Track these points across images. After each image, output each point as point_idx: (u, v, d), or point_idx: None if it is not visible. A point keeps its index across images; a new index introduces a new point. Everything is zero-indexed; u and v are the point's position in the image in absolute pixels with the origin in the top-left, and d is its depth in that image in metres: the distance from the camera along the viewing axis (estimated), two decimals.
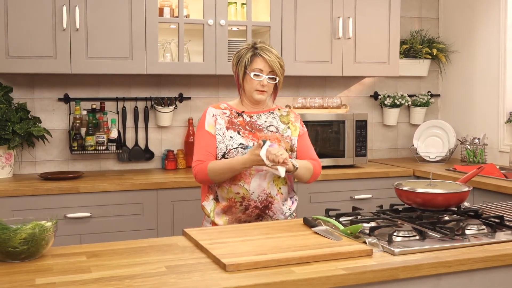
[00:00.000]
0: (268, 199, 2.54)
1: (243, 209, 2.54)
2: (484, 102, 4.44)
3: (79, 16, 3.47)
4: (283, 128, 2.63)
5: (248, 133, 2.57)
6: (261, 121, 2.62)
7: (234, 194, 2.52)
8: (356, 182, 3.93)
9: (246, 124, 2.59)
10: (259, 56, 2.55)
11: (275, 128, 2.62)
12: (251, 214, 2.55)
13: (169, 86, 4.11)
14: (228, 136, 2.55)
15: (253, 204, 2.53)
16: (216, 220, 2.56)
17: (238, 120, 2.60)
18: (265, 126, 2.61)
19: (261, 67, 2.55)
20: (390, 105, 4.59)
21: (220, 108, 2.63)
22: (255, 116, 2.63)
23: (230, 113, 2.62)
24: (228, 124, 2.58)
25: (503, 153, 4.24)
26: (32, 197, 3.24)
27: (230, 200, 2.54)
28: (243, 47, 2.63)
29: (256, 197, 2.53)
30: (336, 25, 4.06)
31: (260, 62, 2.55)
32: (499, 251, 1.92)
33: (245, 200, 2.52)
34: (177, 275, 1.68)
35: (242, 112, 2.62)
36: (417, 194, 2.32)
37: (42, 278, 1.65)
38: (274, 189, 2.55)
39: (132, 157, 3.99)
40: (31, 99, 3.81)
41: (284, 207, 2.60)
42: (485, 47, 4.42)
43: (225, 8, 3.79)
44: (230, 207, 2.54)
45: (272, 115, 2.67)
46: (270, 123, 2.63)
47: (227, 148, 2.53)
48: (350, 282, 1.70)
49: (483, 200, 3.45)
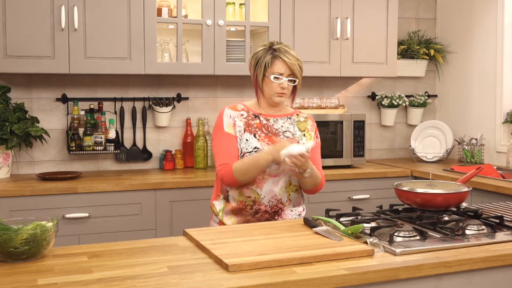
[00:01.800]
0: (278, 205, 2.54)
1: (253, 212, 2.53)
2: (481, 102, 4.45)
3: (78, 16, 3.47)
4: (299, 135, 2.60)
5: (264, 136, 2.54)
6: (277, 125, 2.59)
7: (245, 198, 2.51)
8: (354, 182, 3.94)
9: (263, 126, 2.56)
10: (279, 58, 2.50)
11: (291, 134, 2.59)
12: (261, 218, 2.54)
13: (167, 86, 4.11)
14: (244, 138, 2.52)
15: (263, 209, 2.52)
16: (225, 219, 2.55)
17: (255, 122, 2.56)
18: (281, 131, 2.58)
19: (281, 70, 2.50)
20: (387, 105, 4.60)
21: (237, 110, 2.58)
22: (272, 120, 2.59)
23: (247, 114, 2.58)
24: (245, 126, 2.54)
25: (500, 154, 4.26)
26: (30, 198, 3.24)
27: (241, 202, 2.52)
28: (260, 48, 2.57)
29: (267, 202, 2.52)
30: (334, 25, 4.07)
31: (280, 64, 2.50)
32: (499, 251, 1.93)
33: (255, 204, 2.51)
34: (179, 275, 1.68)
35: (259, 114, 2.59)
36: (417, 195, 2.33)
37: (44, 279, 1.64)
38: (284, 196, 2.55)
39: (130, 157, 3.99)
40: (29, 99, 3.80)
41: (293, 213, 2.59)
42: (482, 48, 4.43)
43: (223, 8, 3.79)
44: (241, 209, 2.53)
45: (290, 120, 2.63)
46: (287, 128, 2.59)
47: (242, 151, 2.50)
48: (352, 282, 1.70)
49: (481, 201, 3.46)
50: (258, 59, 2.54)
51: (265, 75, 2.52)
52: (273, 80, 2.50)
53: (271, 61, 2.51)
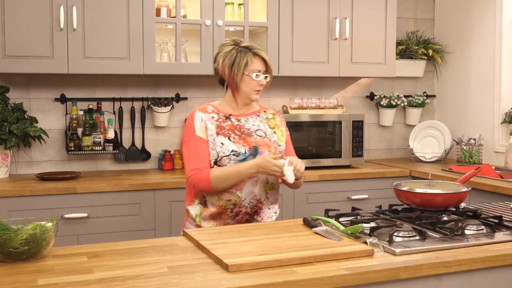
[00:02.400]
0: (258, 204, 2.53)
1: (233, 215, 2.51)
2: (479, 102, 4.46)
3: (76, 16, 3.46)
4: (270, 132, 2.60)
5: (239, 138, 2.52)
6: (249, 125, 2.58)
7: (226, 201, 2.49)
8: (353, 182, 3.94)
9: (235, 128, 2.54)
10: (258, 56, 2.54)
11: (263, 132, 2.59)
12: (241, 220, 2.52)
13: (166, 86, 4.11)
14: (219, 142, 2.49)
15: (243, 211, 2.51)
16: (203, 224, 2.52)
17: (227, 124, 2.54)
18: (253, 130, 2.57)
19: (260, 68, 2.54)
20: (386, 105, 4.60)
21: (208, 112, 2.56)
22: (242, 120, 2.58)
23: (218, 117, 2.56)
24: (217, 129, 2.52)
25: (499, 154, 4.27)
26: (29, 198, 3.23)
27: (220, 207, 2.49)
28: (227, 47, 2.55)
29: (248, 203, 2.51)
30: (332, 25, 4.07)
31: (259, 62, 2.54)
32: (498, 251, 1.93)
33: (236, 206, 2.50)
34: (179, 275, 1.68)
35: (229, 115, 2.58)
36: (416, 195, 2.33)
37: (44, 279, 1.64)
38: (263, 195, 2.54)
39: (128, 158, 3.99)
40: (28, 99, 3.79)
41: (270, 211, 2.59)
42: (480, 48, 4.44)
43: (222, 9, 3.79)
44: (220, 213, 2.50)
45: (259, 118, 2.63)
46: (257, 127, 2.59)
47: (218, 155, 2.48)
48: (352, 282, 1.70)
49: (479, 201, 3.46)
50: (234, 59, 2.52)
51: (243, 73, 2.52)
52: (254, 78, 2.52)
53: (252, 59, 2.52)
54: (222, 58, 2.55)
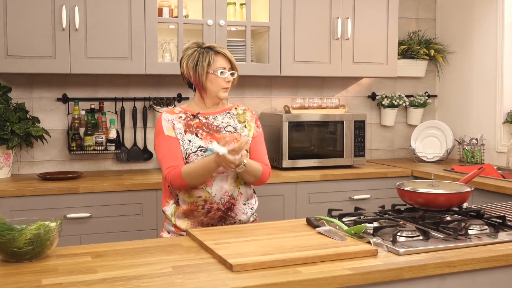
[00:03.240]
0: (230, 201, 2.51)
1: (205, 212, 2.50)
2: (481, 102, 4.46)
3: (79, 16, 3.46)
4: (240, 127, 2.59)
5: (206, 134, 2.52)
6: (217, 122, 2.57)
7: (196, 198, 2.48)
8: (355, 182, 3.94)
9: (203, 125, 2.55)
10: (220, 54, 2.54)
11: (232, 128, 2.58)
12: (214, 216, 2.51)
13: (168, 86, 4.10)
14: (187, 139, 2.50)
15: (215, 207, 2.49)
16: (178, 223, 2.51)
17: (195, 122, 2.55)
18: (222, 127, 2.56)
19: (223, 65, 2.54)
20: (387, 105, 4.60)
21: (175, 113, 2.57)
22: (211, 117, 2.58)
23: (185, 116, 2.56)
24: (185, 127, 2.52)
25: (501, 154, 4.26)
26: (31, 198, 3.24)
27: (192, 204, 2.49)
28: (190, 51, 2.56)
29: (219, 199, 2.49)
30: (334, 25, 4.07)
31: (221, 60, 2.54)
32: (502, 251, 1.94)
33: (207, 203, 2.48)
34: (183, 275, 1.69)
35: (197, 114, 2.57)
36: (419, 194, 2.33)
37: (48, 279, 1.64)
38: (235, 191, 2.52)
39: (130, 157, 3.99)
40: (30, 99, 3.80)
41: (246, 207, 2.57)
42: (482, 48, 4.44)
43: (224, 9, 3.79)
44: (192, 210, 2.50)
45: (229, 114, 2.62)
46: (227, 123, 2.59)
47: (186, 152, 2.48)
48: (356, 282, 1.70)
49: (482, 201, 3.46)
50: (197, 60, 2.53)
51: (208, 72, 2.52)
52: (219, 75, 2.52)
53: (214, 58, 2.53)
54: (185, 61, 2.56)
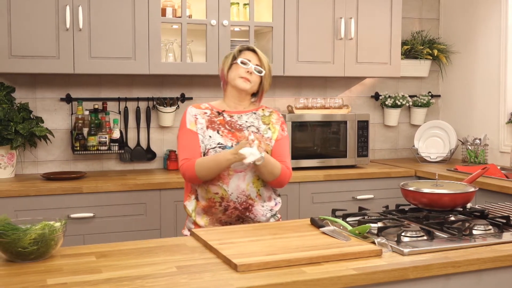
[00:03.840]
0: (247, 201, 2.51)
1: (222, 209, 2.51)
2: (484, 102, 4.45)
3: (82, 16, 3.47)
4: (264, 128, 2.59)
5: (228, 132, 2.53)
6: (241, 121, 2.58)
7: (213, 194, 2.50)
8: (358, 182, 3.94)
9: (226, 123, 2.56)
10: (248, 50, 2.58)
11: (255, 128, 2.58)
12: (231, 215, 2.52)
13: (171, 86, 4.11)
14: (207, 135, 2.52)
15: (232, 205, 2.50)
16: (198, 220, 2.54)
17: (218, 119, 2.56)
18: (245, 126, 2.57)
19: (249, 58, 2.55)
20: (391, 105, 4.60)
21: (201, 108, 2.60)
22: (235, 116, 2.59)
23: (210, 112, 2.58)
24: (208, 123, 2.54)
25: (504, 154, 4.26)
26: (35, 197, 3.24)
27: (209, 200, 2.51)
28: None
29: (235, 198, 2.49)
30: (338, 25, 4.07)
31: (248, 53, 2.58)
32: (507, 251, 1.93)
33: (224, 200, 2.49)
34: (188, 275, 1.68)
35: (222, 111, 2.59)
36: (424, 194, 2.33)
37: (53, 279, 1.64)
38: (253, 191, 2.52)
39: (134, 157, 3.99)
40: (33, 99, 3.80)
41: (264, 209, 2.57)
42: (485, 48, 4.43)
43: (227, 9, 3.79)
44: (210, 207, 2.52)
45: (255, 115, 2.63)
46: (251, 123, 2.59)
47: (206, 148, 2.50)
48: (361, 282, 1.70)
49: (485, 201, 3.46)
50: (229, 53, 2.62)
51: (232, 64, 2.56)
52: (239, 64, 2.53)
53: (241, 51, 2.59)
54: (222, 62, 2.64)
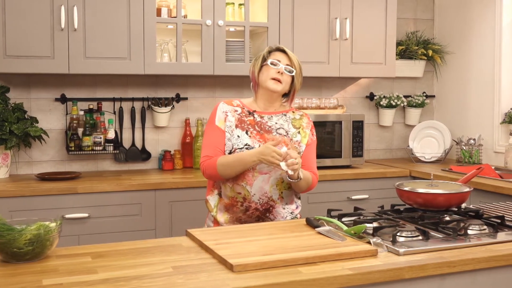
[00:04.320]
0: (269, 202, 2.53)
1: (243, 209, 2.53)
2: (479, 103, 4.47)
3: (77, 16, 3.46)
4: (293, 132, 2.59)
5: (256, 133, 2.54)
6: (271, 123, 2.58)
7: (236, 194, 2.52)
8: (353, 182, 3.94)
9: (256, 124, 2.56)
10: (278, 50, 2.58)
11: (284, 131, 2.58)
12: (251, 215, 2.54)
13: (166, 86, 4.10)
14: (236, 134, 2.52)
15: (253, 206, 2.52)
16: (218, 216, 2.56)
17: (248, 119, 2.57)
18: (274, 128, 2.57)
19: (279, 58, 2.55)
20: (385, 106, 4.61)
21: (232, 105, 2.60)
22: (266, 117, 2.59)
23: (241, 111, 2.58)
24: (237, 122, 2.55)
25: (498, 154, 4.27)
26: (30, 198, 3.23)
27: (232, 198, 2.53)
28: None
29: (257, 199, 2.51)
30: (333, 26, 4.07)
31: (278, 54, 2.57)
32: (502, 251, 1.94)
33: (246, 201, 2.51)
34: (184, 275, 1.68)
35: (253, 111, 2.59)
36: (419, 195, 2.33)
37: (49, 279, 1.64)
38: (276, 193, 2.54)
39: (129, 158, 3.98)
40: (28, 99, 3.79)
41: (285, 211, 2.58)
42: (480, 48, 4.45)
43: (223, 9, 3.79)
44: (232, 205, 2.54)
45: (285, 117, 2.62)
46: (280, 125, 2.59)
47: (233, 147, 2.51)
48: (357, 282, 1.70)
49: (480, 200, 3.47)
50: (259, 55, 2.61)
51: (262, 65, 2.57)
52: (269, 65, 2.53)
53: (271, 52, 2.59)
54: (251, 64, 2.63)
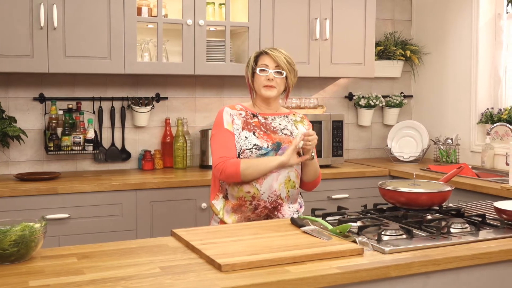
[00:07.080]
0: (277, 200, 2.57)
1: (252, 208, 2.56)
2: (456, 103, 4.53)
3: (57, 14, 3.42)
4: (297, 133, 2.65)
5: (263, 134, 2.59)
6: (275, 123, 2.65)
7: (245, 193, 2.54)
8: (333, 182, 3.97)
9: (261, 125, 2.62)
10: (264, 53, 2.64)
11: (289, 131, 2.65)
12: (260, 214, 2.58)
13: (146, 86, 4.08)
14: (243, 136, 2.57)
15: (262, 204, 2.55)
16: (225, 218, 2.58)
17: (253, 121, 2.63)
18: (279, 129, 2.64)
19: (267, 63, 2.61)
20: (364, 105, 4.64)
21: (236, 109, 2.66)
22: (270, 118, 2.66)
23: (245, 113, 2.64)
24: (244, 124, 2.60)
25: (475, 153, 4.34)
26: (9, 198, 3.19)
27: (240, 198, 2.55)
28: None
29: (266, 197, 2.55)
30: (313, 26, 4.09)
31: (265, 58, 2.63)
32: (484, 249, 1.97)
33: (255, 199, 2.54)
34: (172, 276, 1.68)
35: (257, 113, 2.66)
36: (402, 194, 2.36)
37: (35, 280, 1.62)
38: (284, 191, 2.58)
39: (108, 158, 3.95)
40: (5, 98, 3.74)
41: (291, 210, 2.63)
42: (457, 49, 4.51)
43: (203, 8, 3.78)
44: (240, 205, 2.56)
45: (287, 119, 2.70)
46: (284, 126, 2.66)
47: (241, 148, 2.55)
48: (345, 281, 1.72)
49: (458, 199, 3.51)
50: (249, 60, 2.68)
51: (254, 72, 2.64)
52: (259, 73, 2.60)
53: (258, 57, 2.65)
54: (244, 71, 2.72)
